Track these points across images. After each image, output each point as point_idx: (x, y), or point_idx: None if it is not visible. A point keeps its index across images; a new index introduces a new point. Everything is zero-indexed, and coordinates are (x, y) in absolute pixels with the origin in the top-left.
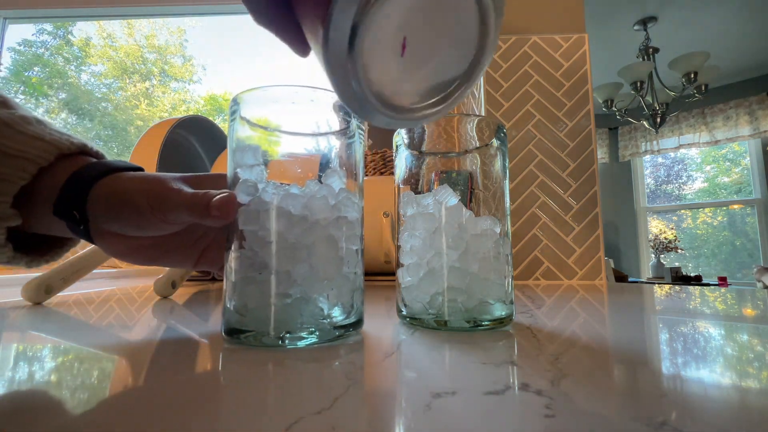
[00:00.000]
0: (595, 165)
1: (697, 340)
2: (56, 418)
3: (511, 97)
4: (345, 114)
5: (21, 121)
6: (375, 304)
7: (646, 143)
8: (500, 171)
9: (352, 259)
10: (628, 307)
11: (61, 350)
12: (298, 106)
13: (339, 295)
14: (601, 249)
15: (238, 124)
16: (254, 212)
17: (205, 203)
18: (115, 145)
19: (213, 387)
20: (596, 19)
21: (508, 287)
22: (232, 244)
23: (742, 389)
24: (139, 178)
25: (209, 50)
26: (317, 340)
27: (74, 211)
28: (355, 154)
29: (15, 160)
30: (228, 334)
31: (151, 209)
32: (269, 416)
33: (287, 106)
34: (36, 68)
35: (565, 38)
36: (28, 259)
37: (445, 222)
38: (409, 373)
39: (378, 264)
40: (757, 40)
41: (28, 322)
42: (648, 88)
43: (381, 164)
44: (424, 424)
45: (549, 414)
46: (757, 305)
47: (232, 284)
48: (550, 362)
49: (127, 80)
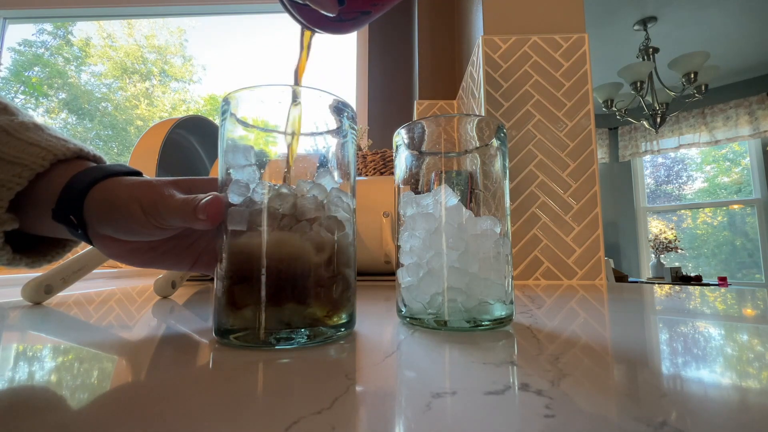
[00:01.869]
0: (595, 165)
1: (697, 340)
2: (55, 416)
3: (511, 97)
4: (338, 114)
5: (19, 128)
6: (375, 304)
7: (646, 143)
8: (500, 171)
9: None
10: (628, 307)
11: (61, 350)
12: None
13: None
14: (601, 249)
15: (230, 123)
16: (242, 212)
17: (193, 207)
18: (115, 145)
19: (212, 387)
20: (596, 19)
21: (508, 287)
22: (222, 245)
23: (742, 389)
24: (133, 183)
25: (209, 50)
26: (307, 341)
27: (71, 215)
28: (348, 153)
29: (11, 166)
30: (219, 334)
31: (144, 215)
32: (269, 416)
33: (278, 106)
34: (36, 68)
35: (565, 38)
36: (29, 260)
37: (445, 222)
38: (409, 373)
39: (378, 264)
40: (757, 40)
41: (28, 322)
42: (648, 88)
43: (381, 164)
44: (424, 424)
45: (549, 414)
46: (757, 305)
47: (222, 284)
48: (550, 362)
49: (127, 80)
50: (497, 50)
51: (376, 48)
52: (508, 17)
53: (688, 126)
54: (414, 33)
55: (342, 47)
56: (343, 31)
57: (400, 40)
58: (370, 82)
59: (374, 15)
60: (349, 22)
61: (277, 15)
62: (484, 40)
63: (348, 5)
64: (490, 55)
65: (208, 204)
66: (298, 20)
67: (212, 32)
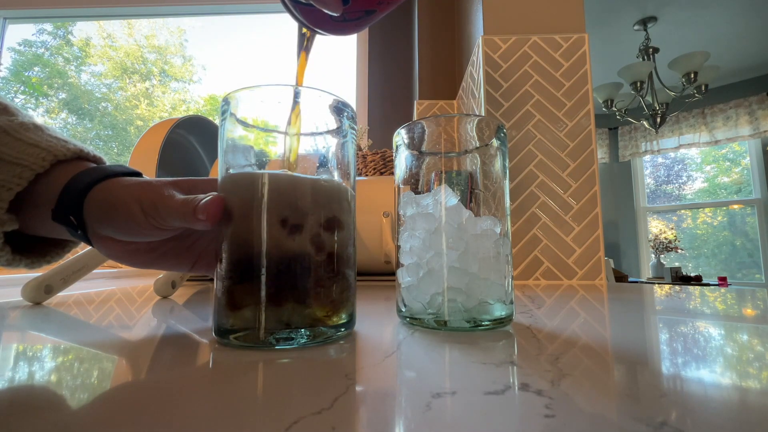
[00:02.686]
0: (595, 165)
1: (697, 340)
2: (55, 416)
3: (511, 97)
4: (338, 114)
5: (20, 128)
6: (375, 304)
7: (646, 143)
8: (500, 171)
9: None
10: (628, 307)
11: (61, 350)
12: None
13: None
14: (601, 249)
15: (230, 123)
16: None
17: (192, 208)
18: (115, 145)
19: (212, 387)
20: (596, 19)
21: (508, 287)
22: (221, 245)
23: (742, 389)
24: (133, 184)
25: (209, 50)
26: (307, 341)
27: (71, 216)
28: (348, 153)
29: (11, 166)
30: (218, 334)
31: (144, 216)
32: (269, 416)
33: (278, 106)
34: (36, 68)
35: (565, 38)
36: (28, 260)
37: (445, 222)
38: (409, 373)
39: (378, 264)
40: (757, 40)
41: (28, 322)
42: (648, 88)
43: (381, 164)
44: (424, 424)
45: (549, 414)
46: (757, 305)
47: (221, 284)
48: (550, 362)
49: (127, 80)
50: (497, 50)
51: (376, 48)
52: (508, 17)
53: (688, 126)
54: (414, 33)
55: (342, 47)
56: (346, 32)
57: (400, 40)
58: (370, 82)
59: (379, 15)
60: (353, 23)
61: (278, 15)
62: (484, 40)
63: (353, 4)
64: (490, 55)
65: (208, 204)
66: (299, 21)
67: (212, 32)
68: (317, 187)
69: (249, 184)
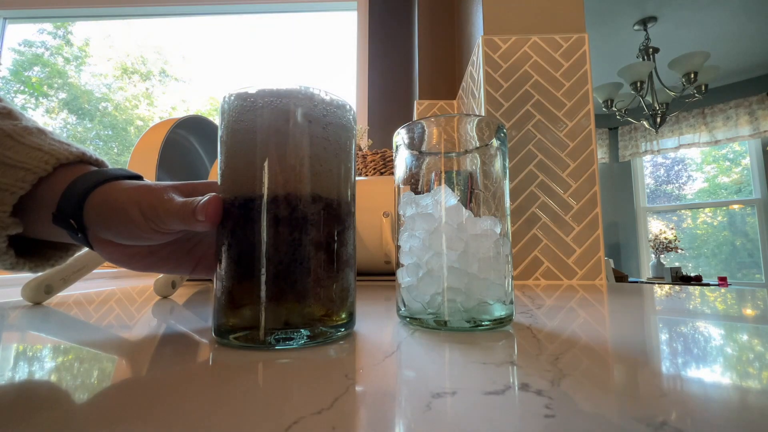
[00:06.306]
0: (595, 165)
1: (697, 340)
2: (55, 415)
3: (511, 97)
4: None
5: (23, 132)
6: (375, 304)
7: (646, 143)
8: (500, 171)
9: None
10: (628, 307)
11: (61, 350)
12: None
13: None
14: (601, 249)
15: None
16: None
17: (192, 209)
18: (115, 145)
19: (212, 387)
20: (596, 19)
21: (507, 287)
22: (220, 245)
23: (742, 389)
24: (132, 188)
25: (209, 50)
26: (307, 341)
27: (71, 219)
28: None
29: (15, 170)
30: (218, 334)
31: (144, 219)
32: (269, 416)
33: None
34: (36, 68)
35: (565, 38)
36: (32, 264)
37: (445, 222)
38: (409, 373)
39: (378, 264)
40: (757, 40)
41: (28, 322)
42: (648, 88)
43: (381, 164)
44: (424, 424)
45: (549, 414)
46: (757, 305)
47: (221, 284)
48: (550, 362)
49: (127, 80)
50: (497, 50)
51: (376, 48)
52: (508, 17)
53: (688, 126)
54: (414, 33)
55: (342, 47)
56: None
57: (400, 40)
58: (370, 82)
59: None
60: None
61: (278, 15)
62: (484, 40)
63: None
64: (490, 55)
65: (207, 204)
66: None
67: (212, 32)
68: (317, 187)
69: (249, 182)
